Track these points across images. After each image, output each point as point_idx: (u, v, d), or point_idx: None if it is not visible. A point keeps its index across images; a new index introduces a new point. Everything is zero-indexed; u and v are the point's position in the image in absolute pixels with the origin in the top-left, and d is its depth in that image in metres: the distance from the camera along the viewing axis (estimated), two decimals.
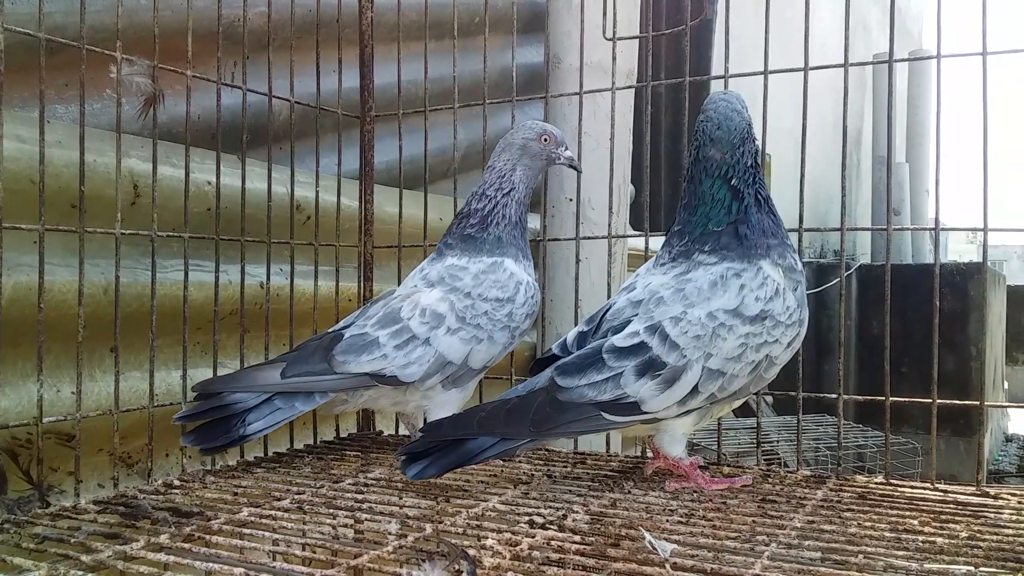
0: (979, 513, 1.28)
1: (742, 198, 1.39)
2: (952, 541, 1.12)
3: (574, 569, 1.01)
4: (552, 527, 1.18)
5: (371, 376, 1.51)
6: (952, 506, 1.32)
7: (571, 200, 2.69)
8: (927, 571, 1.02)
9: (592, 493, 1.37)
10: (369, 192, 2.04)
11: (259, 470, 1.56)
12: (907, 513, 1.27)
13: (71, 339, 1.41)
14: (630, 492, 1.38)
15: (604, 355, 1.32)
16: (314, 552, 1.11)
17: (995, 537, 1.14)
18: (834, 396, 1.59)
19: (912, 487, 1.44)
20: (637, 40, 2.47)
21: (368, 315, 1.58)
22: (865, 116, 8.39)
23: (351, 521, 1.21)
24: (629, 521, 1.20)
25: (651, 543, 1.05)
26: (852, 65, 1.57)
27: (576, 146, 1.82)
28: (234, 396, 1.48)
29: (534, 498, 1.34)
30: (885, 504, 1.32)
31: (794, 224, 1.59)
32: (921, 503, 1.34)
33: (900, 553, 1.07)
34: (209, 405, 1.48)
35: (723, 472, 1.53)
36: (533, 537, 1.12)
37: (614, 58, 1.79)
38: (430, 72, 1.96)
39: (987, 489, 1.40)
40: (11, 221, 1.30)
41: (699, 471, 1.44)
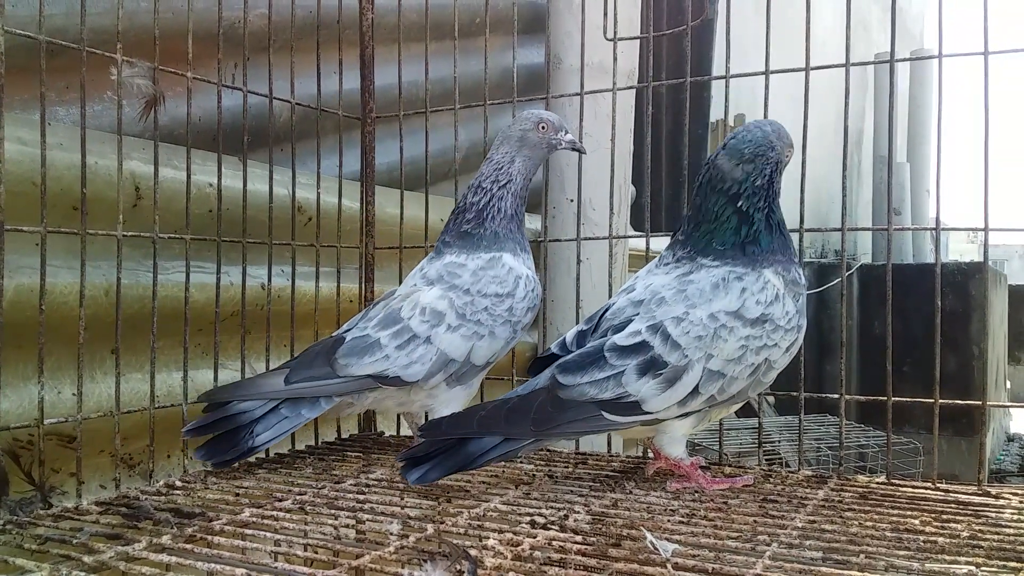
0: (980, 513, 1.28)
1: (751, 222, 1.38)
2: (953, 541, 1.12)
3: (575, 569, 1.01)
4: (554, 527, 1.18)
5: (374, 378, 1.51)
6: (954, 506, 1.32)
7: (572, 201, 2.70)
8: (928, 571, 1.02)
9: (593, 493, 1.37)
10: (370, 193, 2.04)
11: (261, 471, 1.56)
12: (908, 513, 1.27)
13: (72, 341, 1.41)
14: (631, 492, 1.38)
15: (606, 353, 1.32)
16: (316, 553, 1.11)
17: (996, 537, 1.14)
18: (836, 396, 1.59)
19: (914, 487, 1.44)
20: (638, 40, 2.47)
21: (369, 317, 1.58)
22: (866, 116, 8.37)
23: (353, 521, 1.21)
24: (630, 521, 1.20)
25: (652, 543, 1.05)
26: (853, 65, 1.57)
27: None
28: (241, 406, 1.48)
29: (535, 498, 1.34)
30: (887, 504, 1.32)
31: (795, 224, 1.59)
32: (923, 503, 1.34)
33: (901, 553, 1.07)
34: (216, 416, 1.49)
35: (724, 472, 1.53)
36: (535, 537, 1.12)
37: (615, 58, 1.79)
38: (431, 73, 1.96)
39: (989, 489, 1.40)
40: (13, 223, 1.31)
41: (700, 471, 1.44)
